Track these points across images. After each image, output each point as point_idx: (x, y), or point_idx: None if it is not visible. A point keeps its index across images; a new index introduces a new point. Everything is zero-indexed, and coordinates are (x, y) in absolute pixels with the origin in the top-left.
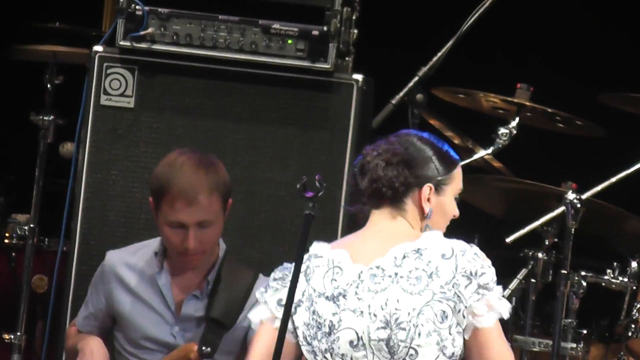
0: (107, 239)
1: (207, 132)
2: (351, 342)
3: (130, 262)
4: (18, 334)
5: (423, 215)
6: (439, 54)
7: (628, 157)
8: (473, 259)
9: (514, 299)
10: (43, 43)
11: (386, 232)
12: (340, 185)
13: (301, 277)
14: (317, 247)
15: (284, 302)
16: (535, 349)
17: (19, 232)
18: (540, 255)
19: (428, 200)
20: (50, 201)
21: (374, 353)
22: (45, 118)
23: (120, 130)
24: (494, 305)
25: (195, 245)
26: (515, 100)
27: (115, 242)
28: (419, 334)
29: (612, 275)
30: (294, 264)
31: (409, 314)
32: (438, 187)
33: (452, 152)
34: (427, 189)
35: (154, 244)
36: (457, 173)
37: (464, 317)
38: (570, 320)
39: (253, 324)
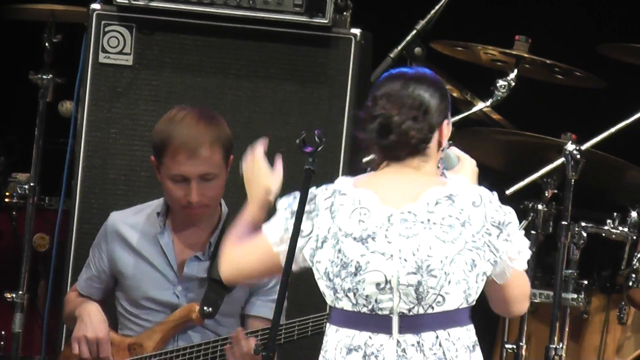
0: (108, 197)
1: (206, 89)
2: (378, 285)
3: (132, 221)
4: (20, 292)
5: (438, 150)
6: (437, 7)
7: (627, 108)
8: (499, 206)
9: None
10: (41, 2)
11: (412, 177)
12: (339, 139)
13: (325, 213)
14: (341, 184)
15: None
16: (536, 300)
17: (19, 191)
18: (540, 206)
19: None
20: (51, 160)
21: (401, 297)
22: (44, 77)
23: (120, 88)
24: (522, 249)
25: (199, 199)
26: (514, 52)
27: (116, 200)
28: (449, 282)
29: (612, 226)
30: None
31: (441, 261)
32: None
33: (436, 77)
34: (445, 126)
35: (156, 204)
36: None
37: (492, 264)
38: (571, 271)
39: (267, 231)
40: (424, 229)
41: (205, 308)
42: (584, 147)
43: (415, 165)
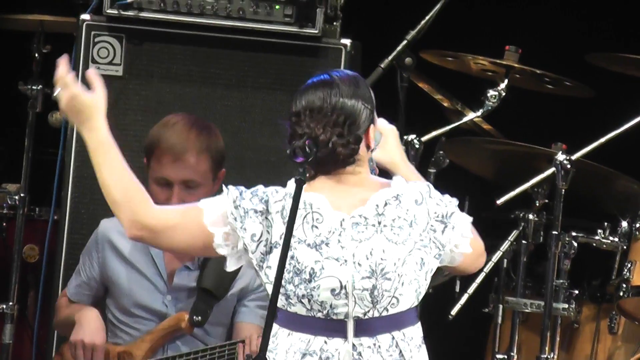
0: (98, 208)
1: (196, 99)
2: (333, 290)
3: (123, 229)
4: (10, 303)
5: (368, 151)
6: (427, 17)
7: (617, 117)
8: (440, 199)
9: (505, 260)
10: (30, 12)
11: (355, 180)
12: None
13: (278, 217)
14: (291, 187)
15: (243, 230)
16: (527, 310)
17: (9, 202)
18: (530, 216)
19: None
20: (40, 170)
21: (356, 302)
22: (34, 87)
23: (109, 99)
24: (465, 232)
25: (179, 202)
26: (504, 62)
27: (106, 210)
28: (402, 284)
29: (602, 235)
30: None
31: (394, 264)
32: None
33: (360, 79)
34: (372, 130)
35: None
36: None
37: (437, 258)
38: (561, 280)
39: (204, 204)
40: (375, 232)
41: (194, 317)
42: (574, 157)
43: (349, 171)
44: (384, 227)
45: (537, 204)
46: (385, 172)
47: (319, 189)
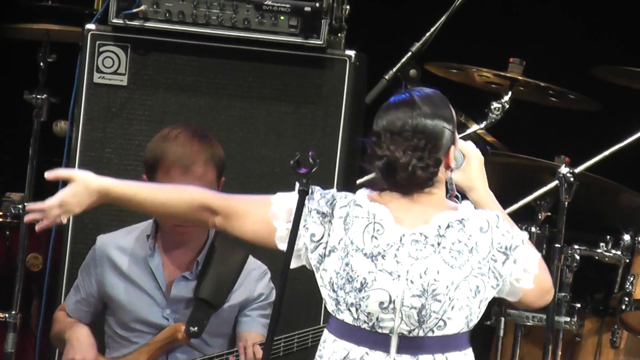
0: (102, 217)
1: (200, 109)
2: (381, 303)
3: (121, 244)
4: (13, 312)
5: (446, 170)
6: (432, 30)
7: (621, 131)
8: (507, 231)
9: None
10: (36, 22)
11: (424, 199)
12: (334, 160)
13: (340, 223)
14: (358, 195)
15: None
16: (529, 323)
17: (13, 211)
18: (533, 229)
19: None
20: (44, 180)
21: (402, 318)
22: (39, 96)
23: (114, 108)
24: (529, 266)
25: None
26: (508, 75)
27: (110, 220)
28: (452, 307)
29: (605, 249)
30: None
31: (447, 287)
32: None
33: (441, 98)
34: (452, 152)
35: (144, 225)
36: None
37: (494, 288)
38: (564, 294)
39: (275, 197)
40: (433, 253)
41: (190, 328)
42: (577, 170)
43: (426, 191)
44: (442, 249)
45: (540, 217)
46: (464, 196)
47: (387, 201)
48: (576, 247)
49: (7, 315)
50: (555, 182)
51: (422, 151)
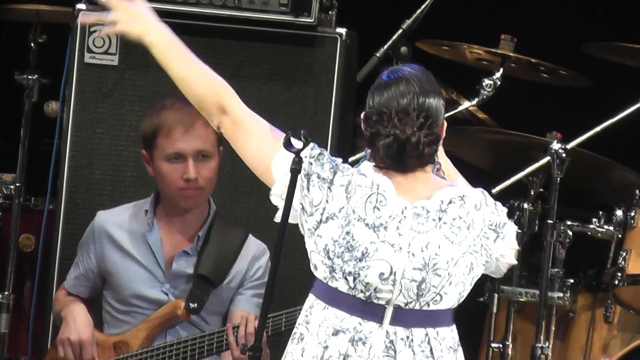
0: (94, 198)
1: None
2: (381, 274)
3: (120, 220)
4: (6, 293)
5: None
6: (423, 7)
7: (613, 106)
8: (495, 208)
9: None
10: (26, 2)
11: (424, 177)
12: (325, 139)
13: (341, 191)
14: (363, 165)
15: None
16: (522, 299)
17: (5, 192)
18: (526, 205)
19: None
20: (36, 160)
21: (401, 291)
22: (30, 77)
23: (105, 89)
24: (513, 243)
25: (195, 176)
26: (499, 52)
27: (102, 200)
28: (450, 283)
29: (598, 224)
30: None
31: (447, 262)
32: None
33: (430, 74)
34: (444, 126)
35: (142, 202)
36: None
37: (484, 265)
38: (557, 270)
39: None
40: (435, 227)
41: (190, 304)
42: (569, 146)
43: (424, 169)
44: (443, 224)
45: (533, 193)
46: None
47: (391, 174)
48: (569, 223)
49: (0, 296)
50: (547, 159)
51: (429, 128)
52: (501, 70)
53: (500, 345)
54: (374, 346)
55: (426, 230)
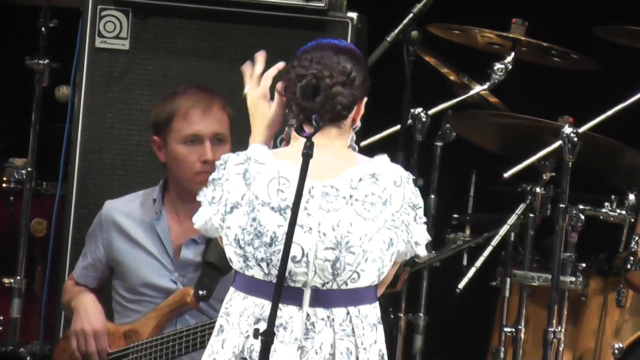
0: (105, 182)
1: (202, 73)
2: (294, 257)
3: (128, 210)
4: (18, 278)
5: (351, 127)
6: None
7: (624, 90)
8: (415, 189)
9: (512, 234)
10: None
11: (334, 151)
12: None
13: (239, 179)
14: (257, 152)
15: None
16: (534, 284)
17: (16, 176)
18: (538, 189)
19: None
20: (47, 145)
21: (316, 272)
22: (40, 62)
23: (116, 73)
24: (426, 237)
25: (213, 158)
26: (511, 35)
27: (113, 185)
28: (366, 260)
29: (610, 208)
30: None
31: (360, 238)
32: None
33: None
34: (362, 105)
35: (150, 191)
36: None
37: (405, 243)
38: (569, 254)
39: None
40: (345, 205)
41: (199, 292)
42: (581, 130)
43: (332, 135)
44: (355, 201)
45: (544, 177)
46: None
47: (294, 157)
48: (580, 207)
49: (12, 280)
50: (559, 143)
51: (346, 78)
52: (512, 54)
53: (513, 330)
54: (295, 330)
55: (336, 209)
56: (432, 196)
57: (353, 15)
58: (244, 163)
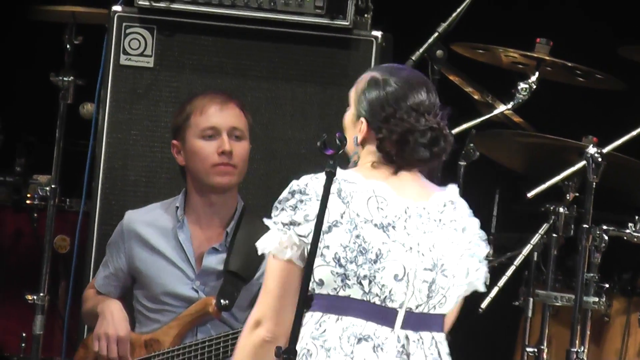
0: (128, 199)
1: (226, 90)
2: (396, 276)
3: (149, 219)
4: (41, 294)
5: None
6: (458, 10)
7: None
8: (479, 225)
9: (535, 254)
10: (62, 3)
11: (414, 177)
12: None
13: (334, 197)
14: (345, 173)
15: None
16: (557, 304)
17: (40, 193)
18: (561, 209)
19: None
20: (71, 162)
21: (414, 292)
22: (65, 79)
23: (140, 90)
24: (487, 270)
25: (230, 149)
26: (535, 55)
27: (136, 201)
28: (454, 285)
29: (633, 229)
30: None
31: (451, 262)
32: None
33: None
34: None
35: (172, 200)
36: None
37: (475, 272)
38: (592, 274)
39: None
40: (437, 227)
41: (221, 301)
42: (605, 150)
43: (416, 171)
44: (443, 225)
45: (568, 197)
46: None
47: (382, 178)
48: (604, 227)
49: (35, 297)
50: (583, 163)
51: (443, 120)
52: (537, 73)
53: (535, 350)
54: (389, 352)
55: (430, 230)
56: None
57: (378, 33)
58: (335, 183)
